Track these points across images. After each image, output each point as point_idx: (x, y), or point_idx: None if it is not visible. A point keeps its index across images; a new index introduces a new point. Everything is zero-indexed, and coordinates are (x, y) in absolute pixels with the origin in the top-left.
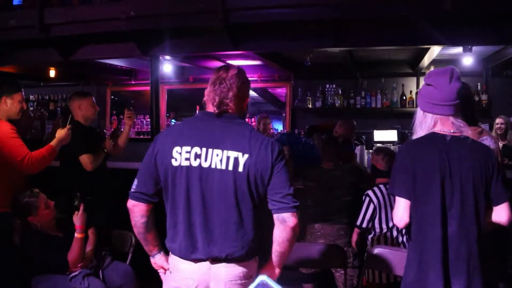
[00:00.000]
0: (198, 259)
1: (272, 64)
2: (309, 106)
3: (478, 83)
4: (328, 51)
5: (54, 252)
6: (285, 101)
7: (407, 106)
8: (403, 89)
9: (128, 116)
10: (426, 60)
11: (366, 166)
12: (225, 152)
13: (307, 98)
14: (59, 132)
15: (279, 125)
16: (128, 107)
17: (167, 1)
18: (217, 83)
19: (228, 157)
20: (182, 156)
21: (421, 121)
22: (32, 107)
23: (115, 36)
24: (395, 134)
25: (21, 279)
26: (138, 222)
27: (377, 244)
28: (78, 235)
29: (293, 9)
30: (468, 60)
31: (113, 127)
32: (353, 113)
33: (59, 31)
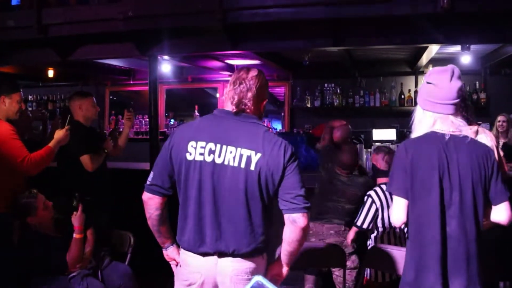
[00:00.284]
0: (205, 252)
1: (271, 63)
2: (308, 105)
3: (476, 82)
4: (326, 50)
5: (53, 253)
6: (284, 100)
7: (405, 105)
8: (402, 88)
9: (127, 117)
10: (425, 59)
11: (365, 165)
12: (238, 149)
13: (306, 98)
14: (57, 133)
15: (278, 125)
16: (127, 108)
17: (165, 1)
18: (237, 83)
19: (241, 155)
20: (196, 151)
21: (421, 120)
22: (30, 108)
23: (113, 36)
24: (393, 133)
25: (20, 279)
26: (153, 214)
27: (381, 242)
28: (77, 236)
29: (292, 9)
30: (466, 59)
31: (112, 127)
32: (352, 112)
33: (57, 31)
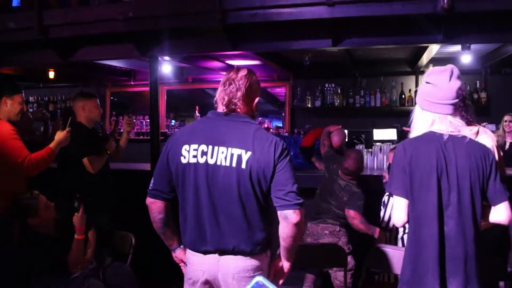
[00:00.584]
0: (207, 251)
1: (271, 64)
2: (308, 105)
3: (477, 81)
4: (327, 50)
5: (54, 254)
6: (284, 100)
7: (406, 104)
8: (402, 87)
9: (127, 122)
10: (425, 58)
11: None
12: (229, 149)
13: (306, 98)
14: (58, 134)
15: (278, 125)
16: (127, 113)
17: (165, 2)
18: (227, 84)
19: (232, 154)
20: (190, 153)
21: (419, 119)
22: (31, 109)
23: (114, 37)
24: (394, 132)
25: (21, 280)
26: (156, 218)
27: None
28: (78, 237)
29: (291, 9)
30: (466, 58)
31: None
32: (352, 112)
33: (58, 32)
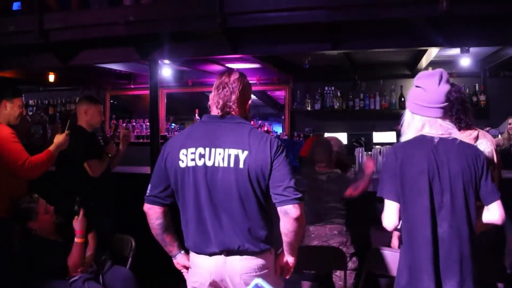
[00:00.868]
0: (212, 252)
1: (271, 67)
2: (308, 108)
3: (476, 84)
4: (326, 53)
5: (54, 257)
6: (284, 103)
7: (405, 107)
8: (402, 90)
9: (124, 135)
10: (424, 61)
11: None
12: (226, 150)
13: (306, 101)
14: (57, 138)
15: (278, 128)
16: (125, 127)
17: (165, 6)
18: (220, 88)
19: (229, 155)
20: (188, 157)
21: (409, 123)
22: (31, 112)
23: (114, 40)
24: (394, 135)
25: (21, 284)
26: (154, 224)
27: None
28: (78, 240)
29: (291, 13)
30: (465, 61)
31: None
32: (352, 115)
33: (58, 36)
